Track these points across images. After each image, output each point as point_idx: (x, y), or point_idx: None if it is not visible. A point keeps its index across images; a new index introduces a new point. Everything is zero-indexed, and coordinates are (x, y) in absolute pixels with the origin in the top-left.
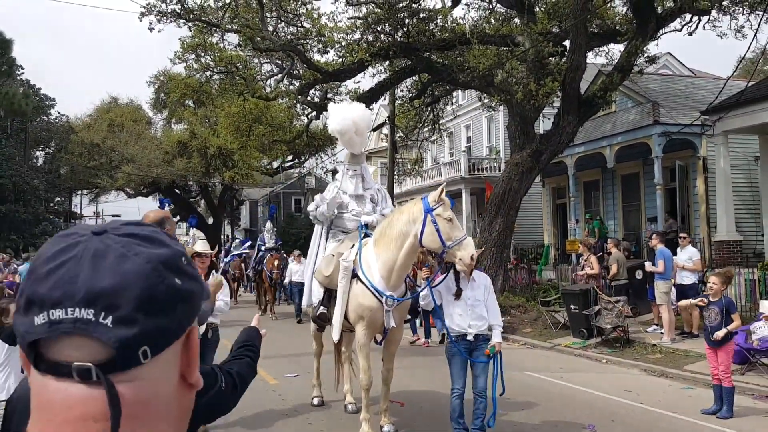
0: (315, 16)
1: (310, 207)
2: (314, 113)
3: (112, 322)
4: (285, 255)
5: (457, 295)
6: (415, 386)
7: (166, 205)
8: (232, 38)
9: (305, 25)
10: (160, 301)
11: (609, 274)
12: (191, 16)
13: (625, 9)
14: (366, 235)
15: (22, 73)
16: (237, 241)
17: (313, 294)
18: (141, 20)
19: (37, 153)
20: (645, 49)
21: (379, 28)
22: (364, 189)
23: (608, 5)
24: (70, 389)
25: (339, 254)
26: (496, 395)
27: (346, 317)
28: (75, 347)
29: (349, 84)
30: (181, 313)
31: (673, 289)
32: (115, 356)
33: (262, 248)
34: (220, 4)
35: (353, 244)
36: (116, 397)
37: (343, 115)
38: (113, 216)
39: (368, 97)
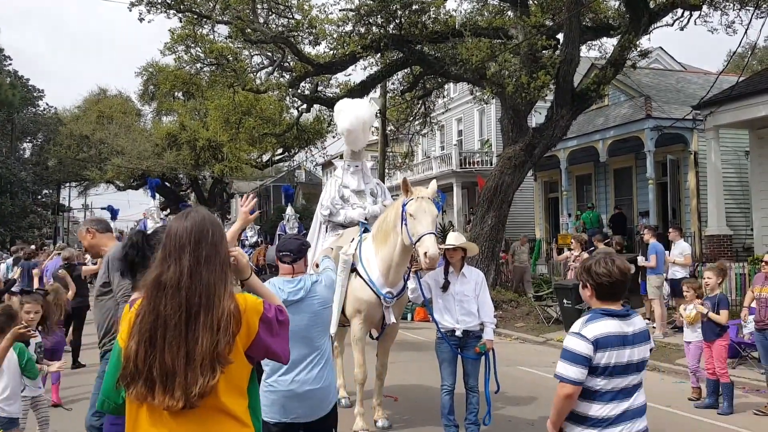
0: (306, 7)
1: (323, 212)
2: (305, 106)
3: None
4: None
5: (444, 287)
6: (409, 381)
7: (156, 194)
8: (223, 30)
9: (296, 16)
10: None
11: None
12: (181, 6)
13: (617, 3)
14: (366, 230)
15: (9, 64)
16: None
17: None
18: (131, 10)
19: (24, 145)
20: (638, 43)
21: (371, 20)
22: (365, 184)
23: None
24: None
25: (339, 248)
26: (489, 393)
27: (342, 311)
28: None
29: (340, 77)
30: None
31: (666, 284)
32: None
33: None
34: None
35: (353, 238)
36: None
37: (355, 114)
38: (102, 209)
39: (360, 90)
